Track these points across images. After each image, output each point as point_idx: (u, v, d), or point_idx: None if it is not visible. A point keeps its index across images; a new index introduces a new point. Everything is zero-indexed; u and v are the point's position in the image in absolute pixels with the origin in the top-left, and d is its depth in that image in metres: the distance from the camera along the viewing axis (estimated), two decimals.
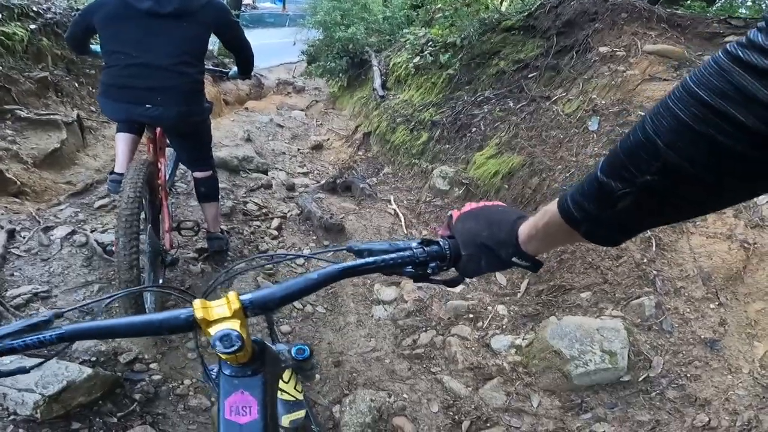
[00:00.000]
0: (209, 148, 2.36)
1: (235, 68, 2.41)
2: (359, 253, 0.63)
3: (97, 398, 1.61)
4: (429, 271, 0.60)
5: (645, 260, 2.13)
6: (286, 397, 0.86)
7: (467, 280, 2.55)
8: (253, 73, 2.63)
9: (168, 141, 2.30)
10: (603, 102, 3.01)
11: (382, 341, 2.22)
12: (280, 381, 0.83)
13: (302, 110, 6.53)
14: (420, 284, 2.22)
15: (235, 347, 0.53)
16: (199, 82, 2.06)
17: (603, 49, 3.44)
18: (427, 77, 4.50)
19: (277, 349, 0.74)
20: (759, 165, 0.34)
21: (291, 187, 3.66)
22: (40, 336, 0.53)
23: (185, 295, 0.69)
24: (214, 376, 0.64)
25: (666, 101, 0.37)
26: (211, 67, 2.58)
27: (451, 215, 0.64)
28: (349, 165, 4.07)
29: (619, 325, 1.88)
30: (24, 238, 2.36)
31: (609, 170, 0.41)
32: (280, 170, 4.01)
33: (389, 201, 3.61)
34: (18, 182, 3.13)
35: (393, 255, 0.60)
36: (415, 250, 0.60)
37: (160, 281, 2.07)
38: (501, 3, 5.72)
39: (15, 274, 2.14)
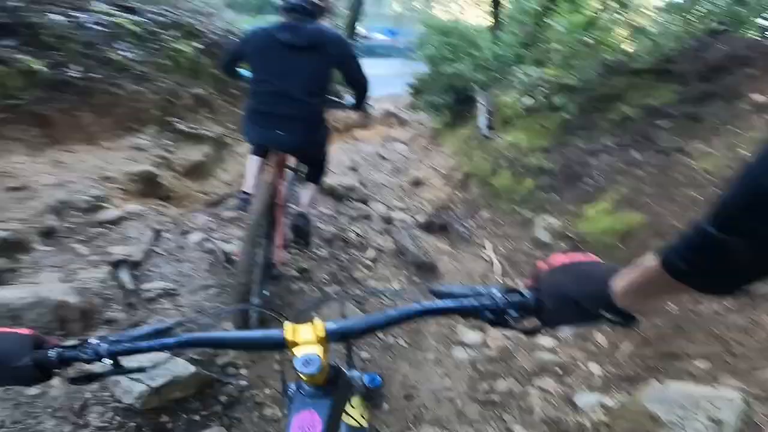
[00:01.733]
0: (326, 164, 2.63)
1: (350, 100, 2.55)
2: (440, 295, 0.66)
3: (190, 395, 1.74)
4: (508, 318, 0.61)
5: None
6: (351, 422, 0.88)
7: (562, 336, 2.36)
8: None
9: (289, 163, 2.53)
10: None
11: (457, 382, 2.18)
12: (348, 406, 0.86)
13: (405, 143, 6.71)
14: (507, 332, 2.33)
15: (314, 369, 0.59)
16: (320, 113, 2.24)
17: (757, 98, 2.98)
18: (538, 119, 4.31)
19: (351, 375, 0.79)
20: None
21: (388, 221, 3.73)
22: (163, 341, 0.63)
23: (280, 317, 0.77)
24: (290, 393, 0.69)
25: None
26: (330, 98, 2.78)
27: (538, 267, 0.64)
28: (446, 205, 4.03)
29: (736, 395, 1.65)
30: (166, 239, 2.72)
31: (722, 224, 0.39)
32: (380, 202, 4.12)
33: (485, 246, 3.48)
34: (167, 187, 3.69)
35: (473, 300, 0.62)
36: (496, 297, 0.61)
37: (265, 292, 2.25)
38: (622, 43, 5.31)
39: (153, 270, 2.44)
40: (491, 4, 10.15)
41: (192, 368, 1.73)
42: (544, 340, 2.38)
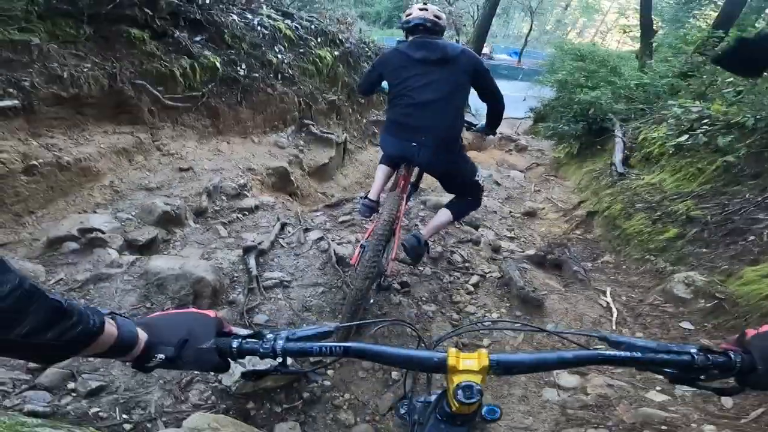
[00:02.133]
0: (468, 184, 2.43)
1: (482, 123, 2.50)
2: (616, 345, 0.64)
3: (279, 386, 1.80)
4: (702, 377, 0.60)
5: None
6: None
7: (678, 393, 1.99)
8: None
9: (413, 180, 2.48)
10: None
11: (540, 423, 2.00)
12: None
13: (521, 171, 6.39)
14: (612, 383, 2.14)
15: (474, 400, 0.58)
16: (456, 128, 2.22)
17: None
18: (692, 161, 3.71)
19: None
20: None
21: (497, 249, 3.56)
22: (330, 346, 0.62)
23: (417, 331, 0.78)
24: (413, 412, 0.69)
25: None
26: (466, 119, 2.66)
27: (744, 332, 0.63)
28: (561, 242, 3.69)
29: None
30: (289, 232, 2.95)
31: None
32: (489, 229, 3.96)
33: (604, 292, 3.11)
34: (295, 184, 4.05)
35: (665, 356, 0.60)
36: (696, 357, 0.59)
37: (371, 300, 2.31)
38: None
39: (275, 260, 2.66)
40: (640, 29, 9.22)
41: (290, 360, 1.82)
42: (656, 395, 2.09)
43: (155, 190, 2.97)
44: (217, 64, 3.68)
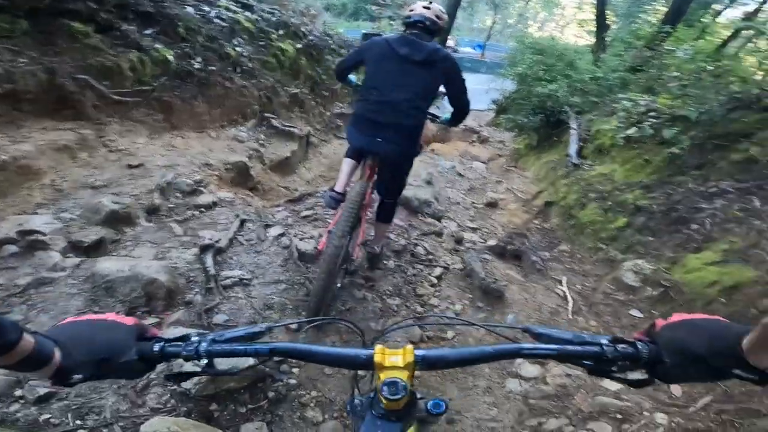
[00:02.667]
0: (404, 184, 2.65)
1: (447, 116, 2.59)
2: (537, 337, 0.64)
3: (243, 387, 1.77)
4: (614, 368, 0.60)
5: None
6: None
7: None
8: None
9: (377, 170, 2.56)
10: None
11: (505, 414, 2.07)
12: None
13: (484, 162, 6.52)
14: (570, 371, 2.20)
15: (398, 396, 0.59)
16: (420, 125, 2.31)
17: None
18: (640, 152, 3.91)
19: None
20: None
21: (459, 240, 3.62)
22: (256, 347, 0.63)
23: (357, 329, 0.80)
24: (358, 409, 0.69)
25: None
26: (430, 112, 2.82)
27: (653, 323, 0.63)
28: (521, 232, 3.81)
29: None
30: (249, 229, 2.88)
31: None
32: (452, 220, 4.02)
33: (560, 281, 3.23)
34: (256, 179, 3.95)
35: (578, 347, 0.60)
36: (605, 347, 0.60)
37: (339, 284, 2.44)
38: (753, 74, 4.65)
39: (234, 258, 2.59)
40: (595, 24, 9.58)
41: (251, 361, 1.78)
42: (612, 384, 2.18)
43: (102, 188, 2.80)
44: (170, 58, 3.54)
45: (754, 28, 5.14)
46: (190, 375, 0.66)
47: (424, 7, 2.24)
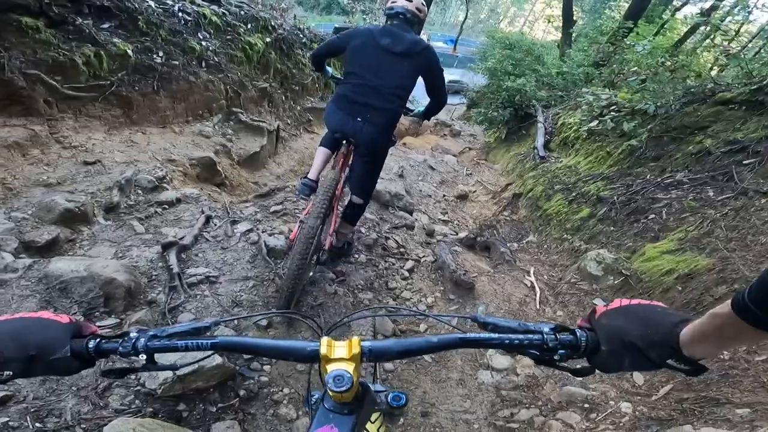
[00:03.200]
0: (376, 180, 2.64)
1: (420, 109, 2.65)
2: (484, 326, 0.64)
3: (211, 386, 1.75)
4: (556, 357, 0.59)
5: None
6: None
7: (596, 371, 2.21)
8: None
9: (351, 161, 2.58)
10: None
11: (478, 406, 2.11)
12: (369, 422, 0.84)
13: (455, 155, 6.59)
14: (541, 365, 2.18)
15: (344, 388, 0.59)
16: (398, 115, 2.37)
17: None
18: (602, 145, 4.05)
19: (375, 390, 0.79)
20: None
21: (431, 233, 3.66)
22: (198, 341, 0.62)
23: (313, 324, 0.80)
24: (312, 402, 0.70)
25: None
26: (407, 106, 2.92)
27: (594, 309, 0.62)
28: (491, 223, 3.89)
29: None
30: (215, 225, 2.81)
31: None
32: (424, 213, 4.05)
33: (528, 272, 3.31)
34: (223, 175, 3.85)
35: (521, 336, 0.60)
36: (546, 336, 0.59)
37: (310, 274, 2.49)
38: (711, 70, 4.89)
39: (199, 255, 2.52)
40: (562, 20, 9.81)
41: (218, 359, 1.75)
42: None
43: (56, 186, 2.66)
44: (129, 52, 3.42)
45: (711, 24, 5.38)
46: (128, 370, 0.64)
47: (406, 0, 2.32)
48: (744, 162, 3.03)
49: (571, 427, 1.93)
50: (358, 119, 2.23)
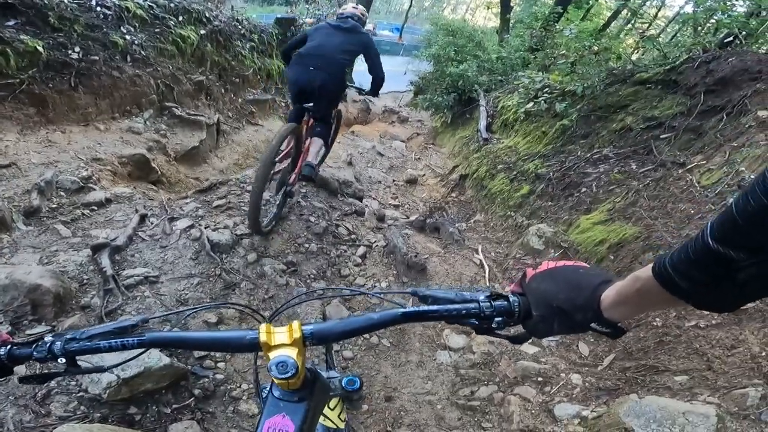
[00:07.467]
0: (331, 114, 3.31)
1: (368, 89, 3.31)
2: (424, 299, 0.63)
3: (163, 387, 1.69)
4: (494, 325, 0.58)
5: (765, 353, 1.78)
6: (328, 423, 0.87)
7: (545, 344, 2.33)
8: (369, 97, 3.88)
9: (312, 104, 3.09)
10: (753, 176, 2.54)
11: (439, 386, 2.16)
12: (327, 407, 0.84)
13: (403, 141, 6.66)
14: (492, 339, 2.28)
15: (289, 374, 0.57)
16: (344, 65, 2.98)
17: (763, 114, 2.93)
18: (538, 125, 4.26)
19: (329, 377, 0.77)
20: None
21: (381, 218, 3.69)
22: (123, 340, 0.59)
23: (255, 315, 0.77)
24: (263, 395, 0.67)
25: None
26: (351, 84, 3.56)
27: (525, 273, 0.62)
28: (440, 205, 3.99)
29: (711, 412, 1.63)
30: (152, 224, 2.66)
31: (725, 238, 0.38)
32: (374, 199, 4.08)
33: (476, 250, 3.44)
34: (159, 172, 3.64)
35: (458, 306, 0.59)
36: (481, 304, 0.59)
37: (278, 206, 2.99)
38: (633, 53, 5.27)
39: (135, 255, 2.39)
40: (500, 6, 10.11)
41: (166, 360, 1.69)
42: (528, 347, 2.36)
43: None
44: (39, 48, 3.14)
45: (631, 9, 5.79)
46: (48, 376, 0.61)
47: (353, 7, 3.21)
48: (661, 137, 3.30)
49: (528, 401, 2.00)
50: (311, 68, 2.84)
